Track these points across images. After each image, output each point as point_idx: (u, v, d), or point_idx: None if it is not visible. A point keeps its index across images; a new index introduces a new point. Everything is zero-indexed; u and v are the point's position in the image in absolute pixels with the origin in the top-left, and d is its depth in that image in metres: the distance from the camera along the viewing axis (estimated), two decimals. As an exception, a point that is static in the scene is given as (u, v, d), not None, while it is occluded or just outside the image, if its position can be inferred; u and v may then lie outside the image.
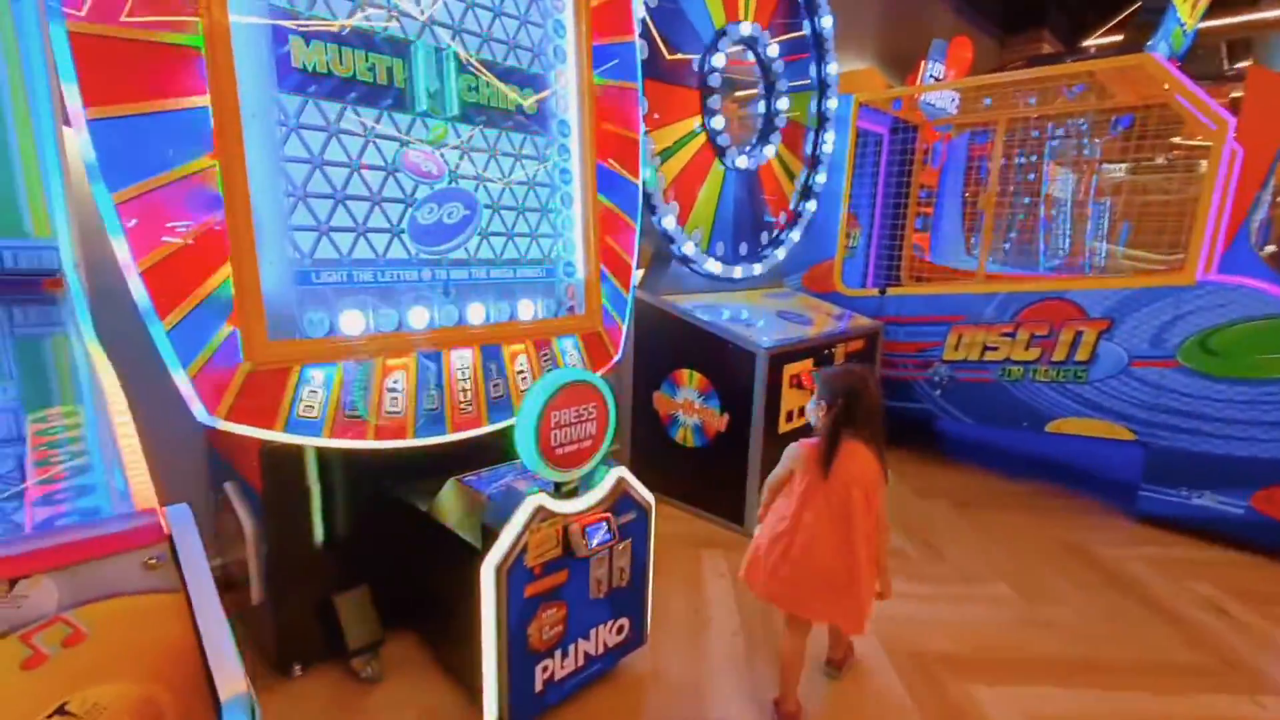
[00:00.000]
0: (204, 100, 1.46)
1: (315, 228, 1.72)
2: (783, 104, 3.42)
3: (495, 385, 2.06)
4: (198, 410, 1.49)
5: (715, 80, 3.00)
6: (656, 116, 2.79)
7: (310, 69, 1.66)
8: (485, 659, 1.51)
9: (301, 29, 1.63)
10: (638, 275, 3.12)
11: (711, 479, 2.89)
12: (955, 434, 4.43)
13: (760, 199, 3.53)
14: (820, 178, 3.81)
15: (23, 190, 1.25)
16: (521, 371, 2.14)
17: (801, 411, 2.95)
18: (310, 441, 1.66)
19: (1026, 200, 5.42)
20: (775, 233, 3.69)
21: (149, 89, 1.39)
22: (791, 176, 3.71)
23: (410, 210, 1.89)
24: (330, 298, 1.76)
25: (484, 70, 2.00)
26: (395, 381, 1.82)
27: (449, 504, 1.76)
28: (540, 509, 1.53)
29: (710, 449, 2.86)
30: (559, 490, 1.62)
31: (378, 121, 1.80)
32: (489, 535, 1.50)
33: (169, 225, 1.43)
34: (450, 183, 1.98)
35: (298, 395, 1.64)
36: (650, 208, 2.85)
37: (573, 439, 1.60)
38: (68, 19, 1.27)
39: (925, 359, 3.63)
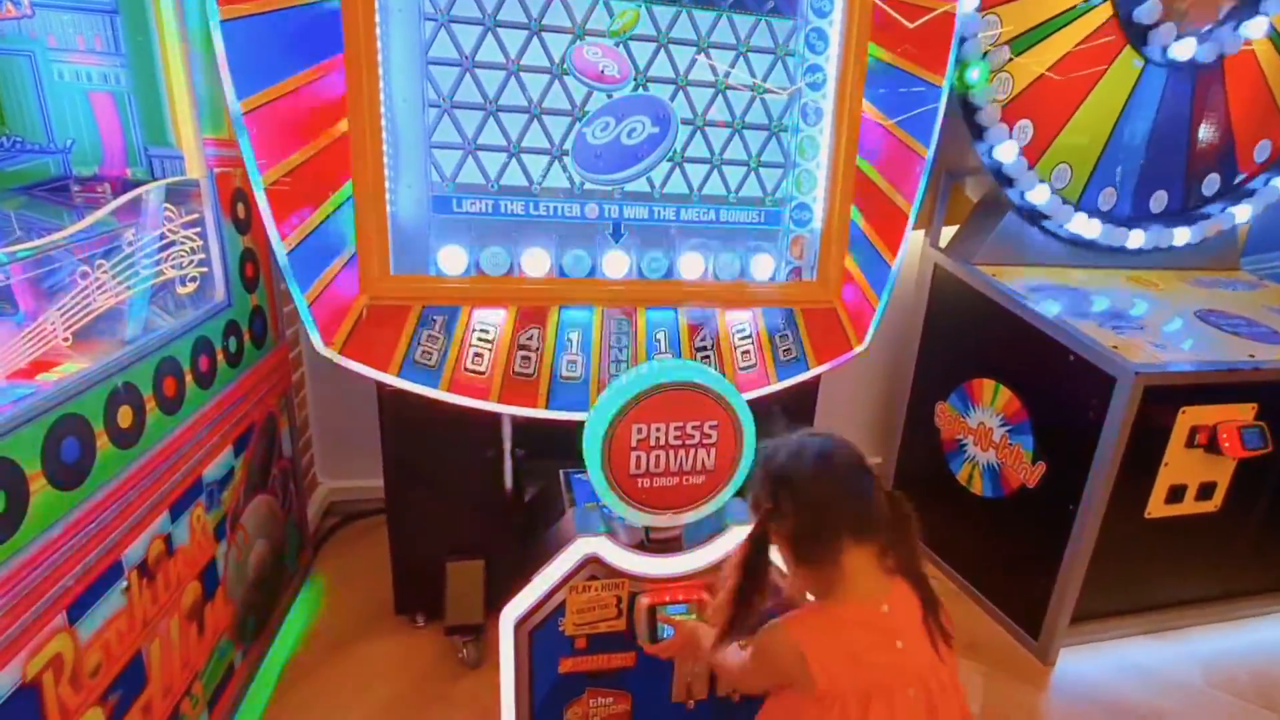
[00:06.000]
0: (336, -9, 1.28)
1: (460, 145, 1.45)
2: (1307, -61, 1.90)
3: (662, 359, 1.58)
4: (315, 340, 1.40)
5: (1148, -93, 1.78)
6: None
7: (470, -56, 1.36)
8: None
9: (458, -107, 1.33)
10: (947, 233, 2.18)
11: (1000, 552, 1.91)
12: None
13: (1216, 116, 2.10)
14: None
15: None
16: (703, 348, 1.60)
17: (1207, 492, 1.69)
18: (425, 392, 1.46)
19: None
20: (1238, 176, 2.19)
21: (279, -19, 1.25)
22: (1301, 77, 2.12)
23: (578, 125, 1.49)
24: (471, 230, 1.50)
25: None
26: (529, 338, 1.50)
27: (545, 503, 1.39)
28: (592, 560, 1.04)
29: (1005, 507, 1.87)
30: (649, 538, 1.09)
31: (547, 8, 1.42)
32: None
33: (294, 136, 1.31)
34: (636, 88, 1.50)
35: (416, 338, 1.44)
36: (975, 129, 1.88)
37: (669, 468, 1.04)
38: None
39: None
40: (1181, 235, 2.12)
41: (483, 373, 1.48)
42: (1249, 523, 1.77)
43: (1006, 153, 1.88)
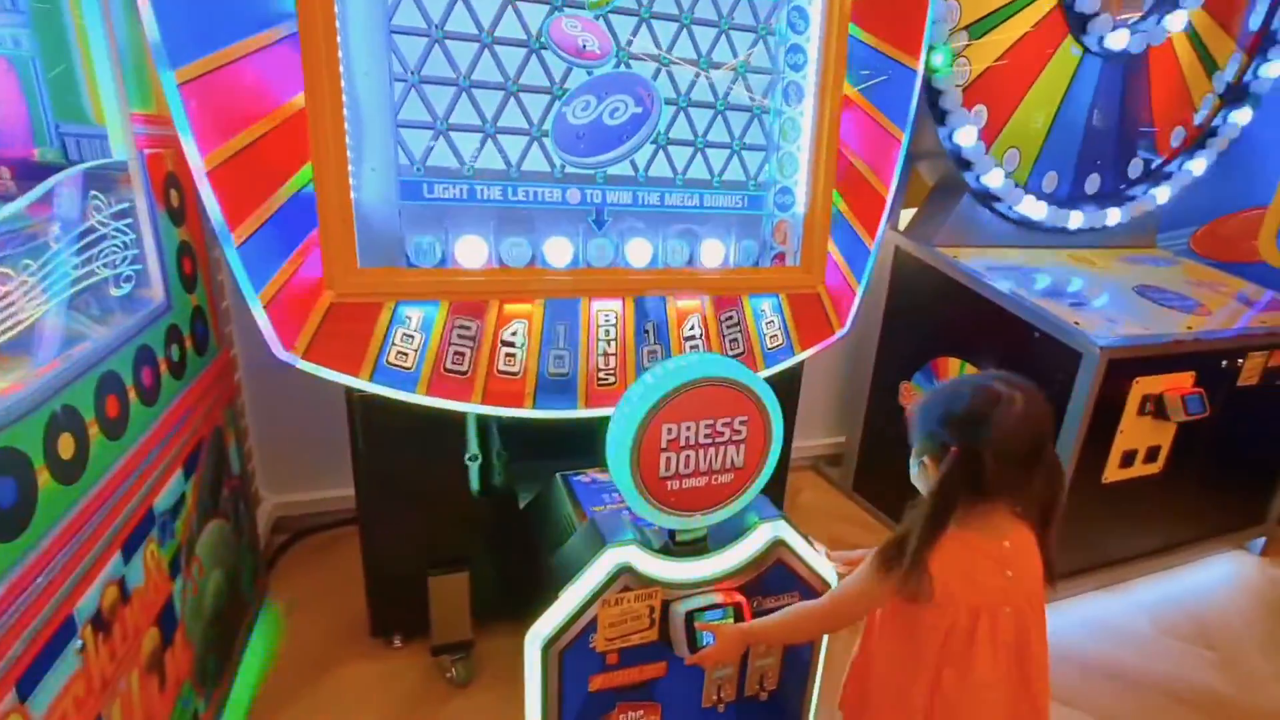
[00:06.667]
0: (284, -55, 1.12)
1: (430, 125, 1.33)
2: (1220, -61, 2.05)
3: (651, 353, 1.52)
4: (273, 344, 1.24)
5: (1091, -100, 1.85)
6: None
7: (436, -98, 1.23)
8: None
9: None
10: (904, 216, 2.23)
11: (970, 522, 1.98)
12: None
13: (1140, 104, 2.24)
14: (1271, 69, 2.30)
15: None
16: (691, 338, 1.55)
17: (1153, 455, 1.83)
18: (401, 396, 1.34)
19: None
20: (1157, 161, 2.36)
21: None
22: (1210, 69, 2.30)
23: (558, 104, 1.39)
24: (445, 218, 1.38)
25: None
26: (513, 333, 1.40)
27: (545, 510, 1.31)
28: (626, 572, 0.97)
29: (975, 480, 1.94)
30: (674, 541, 1.04)
31: (522, -24, 1.31)
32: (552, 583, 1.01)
33: (240, 112, 1.14)
34: (618, 65, 1.41)
35: (389, 338, 1.32)
36: (938, 113, 1.92)
37: (699, 469, 0.99)
38: None
39: None
40: (1113, 216, 2.26)
41: (464, 373, 1.38)
42: (1185, 481, 1.93)
43: (966, 137, 1.93)
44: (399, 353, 1.33)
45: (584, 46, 1.37)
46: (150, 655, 1.03)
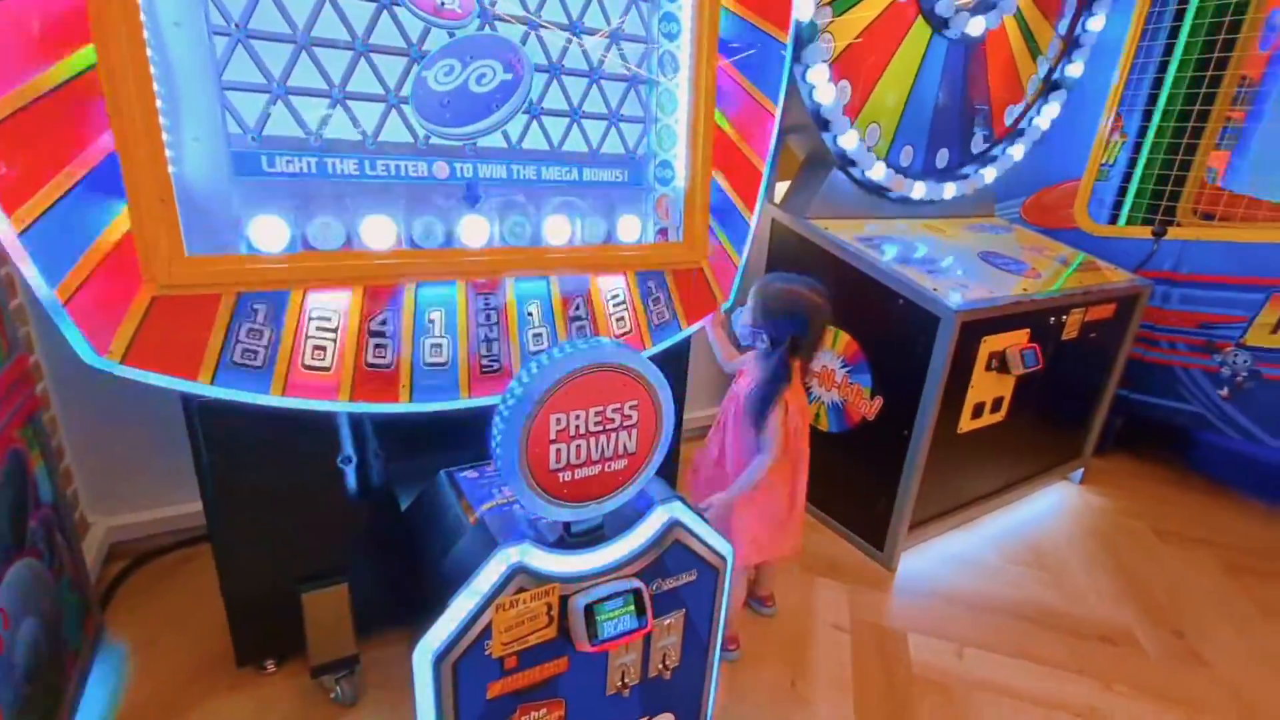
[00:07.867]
0: None
1: (264, 88, 1.16)
2: (1041, -69, 2.24)
3: (537, 335, 1.45)
4: (82, 349, 1.04)
5: (936, -115, 1.95)
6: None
7: None
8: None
9: None
10: (779, 189, 2.29)
11: (846, 480, 2.12)
12: (1235, 456, 3.01)
13: (981, 85, 2.43)
14: (1073, 68, 2.58)
15: None
16: (578, 318, 1.50)
17: (997, 405, 2.03)
18: (253, 399, 1.18)
19: None
20: (994, 139, 2.58)
21: None
22: (1035, 53, 2.54)
23: (417, 68, 1.26)
24: (290, 196, 1.22)
25: None
26: (382, 322, 1.28)
27: (431, 510, 1.23)
28: (520, 572, 0.92)
29: (850, 439, 2.07)
30: (568, 533, 1.00)
31: (365, -81, 1.16)
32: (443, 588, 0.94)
33: (8, 64, 0.93)
34: (482, 27, 1.31)
35: (233, 333, 1.15)
36: (805, 86, 1.96)
37: (591, 458, 0.96)
38: None
39: (1212, 339, 2.43)
40: (959, 188, 2.46)
41: (327, 369, 1.24)
42: (1022, 426, 2.17)
43: (833, 110, 1.99)
44: (246, 350, 1.17)
45: (442, 4, 1.25)
46: (-62, 736, 0.85)
